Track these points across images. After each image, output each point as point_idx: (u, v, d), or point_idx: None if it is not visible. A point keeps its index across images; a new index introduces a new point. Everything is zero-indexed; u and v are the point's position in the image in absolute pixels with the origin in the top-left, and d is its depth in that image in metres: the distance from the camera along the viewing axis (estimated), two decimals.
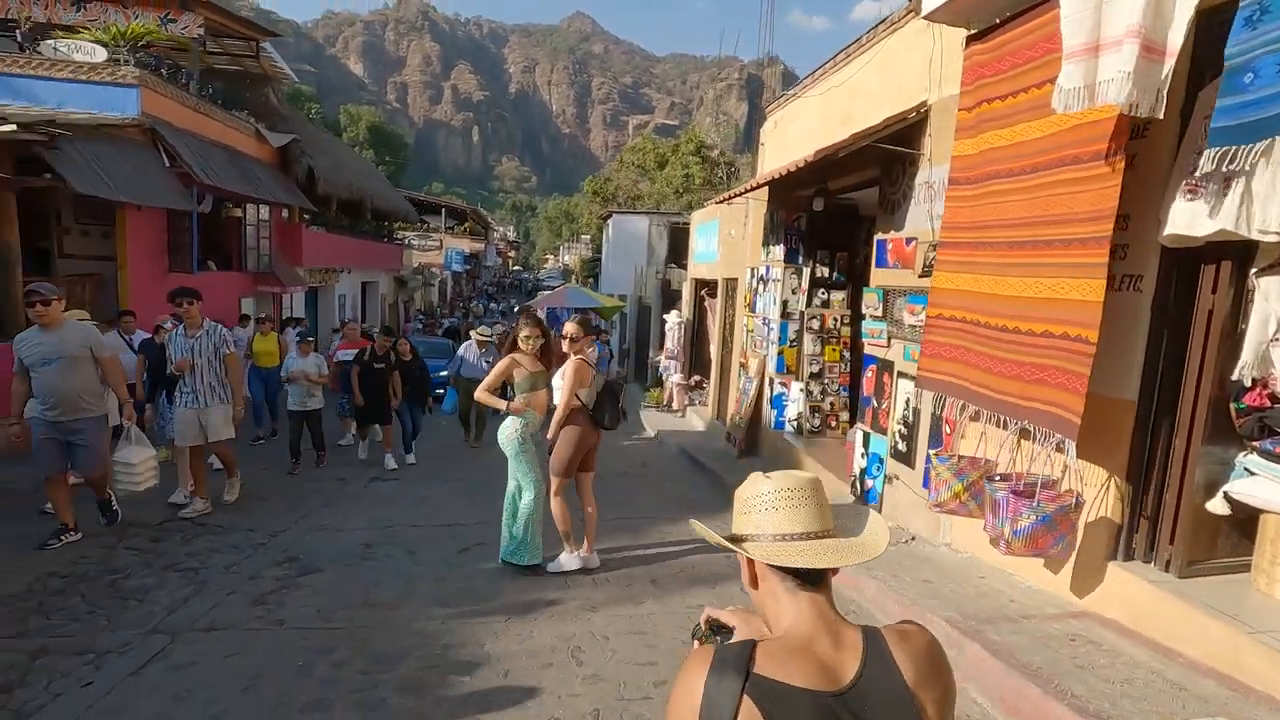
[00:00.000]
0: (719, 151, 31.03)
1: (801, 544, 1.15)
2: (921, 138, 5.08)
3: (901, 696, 1.05)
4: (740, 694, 1.01)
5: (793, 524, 1.16)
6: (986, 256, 3.83)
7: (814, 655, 1.07)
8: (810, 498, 1.20)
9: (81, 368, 4.65)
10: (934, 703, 1.07)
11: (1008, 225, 3.67)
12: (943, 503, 4.01)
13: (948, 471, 4.02)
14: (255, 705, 2.96)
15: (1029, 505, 3.34)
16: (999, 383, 3.64)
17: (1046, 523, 3.31)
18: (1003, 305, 3.66)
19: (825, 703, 1.02)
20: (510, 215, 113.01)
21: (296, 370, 7.52)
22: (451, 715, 2.93)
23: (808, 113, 7.57)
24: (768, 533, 1.17)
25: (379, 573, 4.54)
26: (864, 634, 1.11)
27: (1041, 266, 3.39)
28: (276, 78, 16.25)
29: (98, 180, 8.38)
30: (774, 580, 1.16)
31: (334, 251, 18.14)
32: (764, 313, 8.24)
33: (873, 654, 1.08)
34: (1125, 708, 2.61)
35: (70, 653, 3.34)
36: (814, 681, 1.04)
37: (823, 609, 1.13)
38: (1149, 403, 3.34)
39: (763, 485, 1.21)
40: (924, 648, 1.11)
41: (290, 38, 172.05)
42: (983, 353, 3.80)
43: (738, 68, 73.05)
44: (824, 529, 1.17)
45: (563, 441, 4.56)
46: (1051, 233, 3.35)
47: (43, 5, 11.45)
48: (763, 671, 1.04)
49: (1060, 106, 2.99)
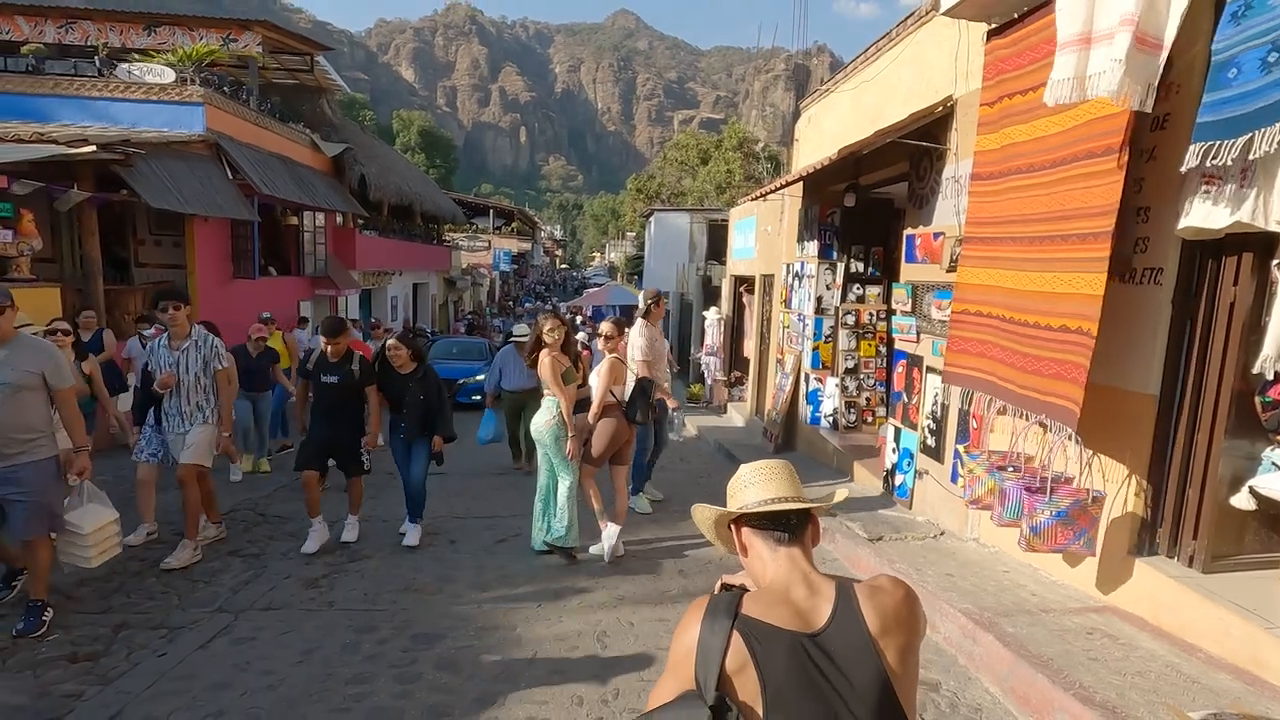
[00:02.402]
0: (763, 145, 30.79)
1: (773, 505, 1.36)
2: (948, 132, 5.07)
3: (864, 642, 1.20)
4: (730, 631, 1.19)
5: (766, 492, 1.37)
6: (1009, 251, 3.84)
7: (791, 602, 1.25)
8: (780, 474, 1.42)
9: (26, 399, 3.44)
10: (896, 649, 1.22)
11: (1028, 220, 3.68)
12: (978, 499, 4.04)
13: (979, 468, 4.05)
14: (307, 676, 3.24)
15: (1044, 500, 3.36)
16: (1020, 377, 3.65)
17: (1063, 518, 3.33)
18: (1023, 300, 3.67)
19: (800, 641, 1.19)
20: (557, 214, 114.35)
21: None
22: (483, 689, 3.16)
23: (841, 107, 7.57)
24: (749, 502, 1.38)
25: (421, 560, 4.82)
26: (837, 586, 1.28)
27: (1056, 261, 3.40)
28: (330, 89, 16.96)
29: (169, 194, 9.01)
30: (758, 542, 1.36)
31: (386, 255, 18.84)
32: (799, 308, 8.26)
33: (842, 603, 1.24)
34: (1132, 698, 2.63)
35: (147, 627, 3.70)
36: (791, 623, 1.21)
37: (800, 562, 1.32)
38: (1171, 397, 3.32)
39: (743, 470, 1.44)
40: (894, 601, 1.26)
41: (345, 47, 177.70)
42: (1006, 347, 3.82)
43: (783, 58, 72.22)
44: (795, 495, 1.37)
45: (599, 434, 4.79)
46: (1067, 227, 3.35)
47: (119, 32, 12.29)
48: (749, 613, 1.22)
49: (1051, 99, 3.01)
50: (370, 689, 3.15)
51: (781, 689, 1.16)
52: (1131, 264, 3.41)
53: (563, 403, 4.66)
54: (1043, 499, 3.33)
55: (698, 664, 1.19)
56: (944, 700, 3.04)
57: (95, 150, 8.09)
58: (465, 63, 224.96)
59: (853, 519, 5.12)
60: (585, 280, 54.29)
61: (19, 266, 7.72)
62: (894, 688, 1.19)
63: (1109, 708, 2.57)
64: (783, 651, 1.18)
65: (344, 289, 15.79)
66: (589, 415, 4.83)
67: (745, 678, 1.17)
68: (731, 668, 1.17)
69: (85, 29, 12.17)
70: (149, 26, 12.33)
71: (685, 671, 1.22)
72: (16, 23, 11.98)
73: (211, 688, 3.13)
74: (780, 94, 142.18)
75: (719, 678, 1.17)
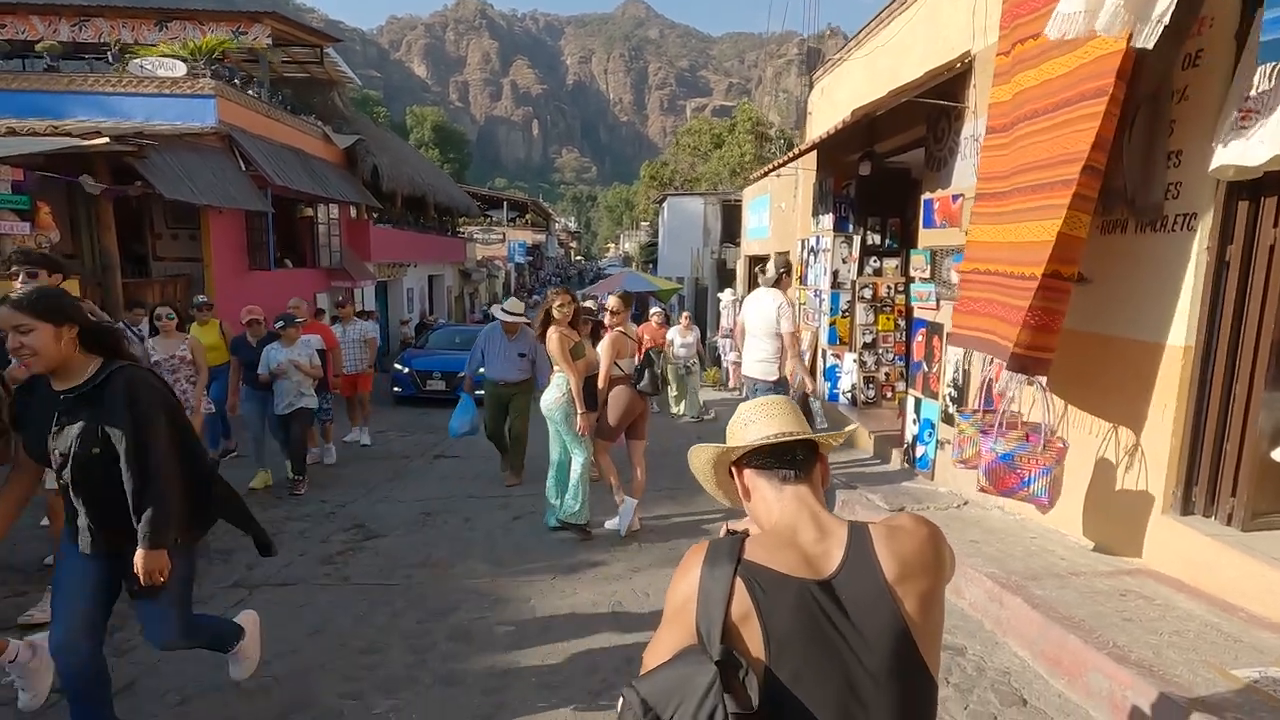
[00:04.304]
0: (777, 129, 30.44)
1: (777, 439, 1.25)
2: (966, 89, 4.90)
3: (879, 590, 1.09)
4: (732, 577, 1.08)
5: (769, 429, 1.26)
6: (1013, 204, 3.68)
7: (799, 546, 1.14)
8: (783, 409, 1.31)
9: None
10: (916, 595, 1.10)
11: (1029, 169, 3.53)
12: (967, 459, 3.91)
13: (971, 428, 3.91)
14: (320, 646, 3.22)
15: (990, 441, 3.32)
16: (1010, 331, 3.51)
17: (1009, 461, 3.25)
18: (1020, 252, 3.52)
19: (807, 589, 1.08)
20: (571, 207, 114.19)
21: (282, 364, 5.62)
22: (496, 658, 3.11)
23: (854, 76, 7.39)
24: (749, 440, 1.26)
25: (436, 537, 4.80)
26: (850, 527, 1.16)
27: (1043, 208, 3.28)
28: (340, 82, 16.97)
29: (183, 185, 9.05)
30: (761, 484, 1.25)
31: (400, 246, 18.88)
32: (815, 284, 8.12)
33: (855, 547, 1.13)
34: (1170, 657, 2.51)
35: None
36: (798, 569, 1.10)
37: (807, 501, 1.20)
38: (1207, 348, 3.16)
39: (742, 408, 1.34)
40: (915, 543, 1.15)
41: (357, 45, 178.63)
42: (1003, 303, 3.67)
43: (796, 42, 71.01)
44: (799, 430, 1.26)
45: (610, 407, 4.72)
46: (1052, 175, 3.22)
47: (131, 28, 12.37)
48: (752, 558, 1.11)
49: (1054, 32, 2.86)
50: (383, 659, 3.12)
51: (787, 641, 1.05)
52: (1163, 211, 3.26)
53: (572, 379, 4.59)
54: (989, 440, 3.27)
55: (698, 614, 1.08)
56: (970, 664, 2.94)
57: (109, 142, 8.14)
58: (476, 57, 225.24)
59: (873, 491, 5.01)
60: (600, 271, 54.31)
61: None
62: (913, 638, 1.08)
63: (1146, 666, 2.45)
64: (789, 600, 1.07)
65: (360, 280, 15.84)
66: (598, 390, 4.77)
67: (749, 628, 1.06)
68: (736, 616, 1.06)
69: (98, 26, 12.25)
70: (160, 22, 12.38)
71: (684, 622, 1.10)
72: (31, 22, 12.09)
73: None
74: (793, 79, 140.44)
75: (723, 628, 1.05)
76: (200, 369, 5.33)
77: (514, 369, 5.91)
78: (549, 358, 5.02)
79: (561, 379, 4.63)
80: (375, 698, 2.81)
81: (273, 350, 5.69)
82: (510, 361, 5.91)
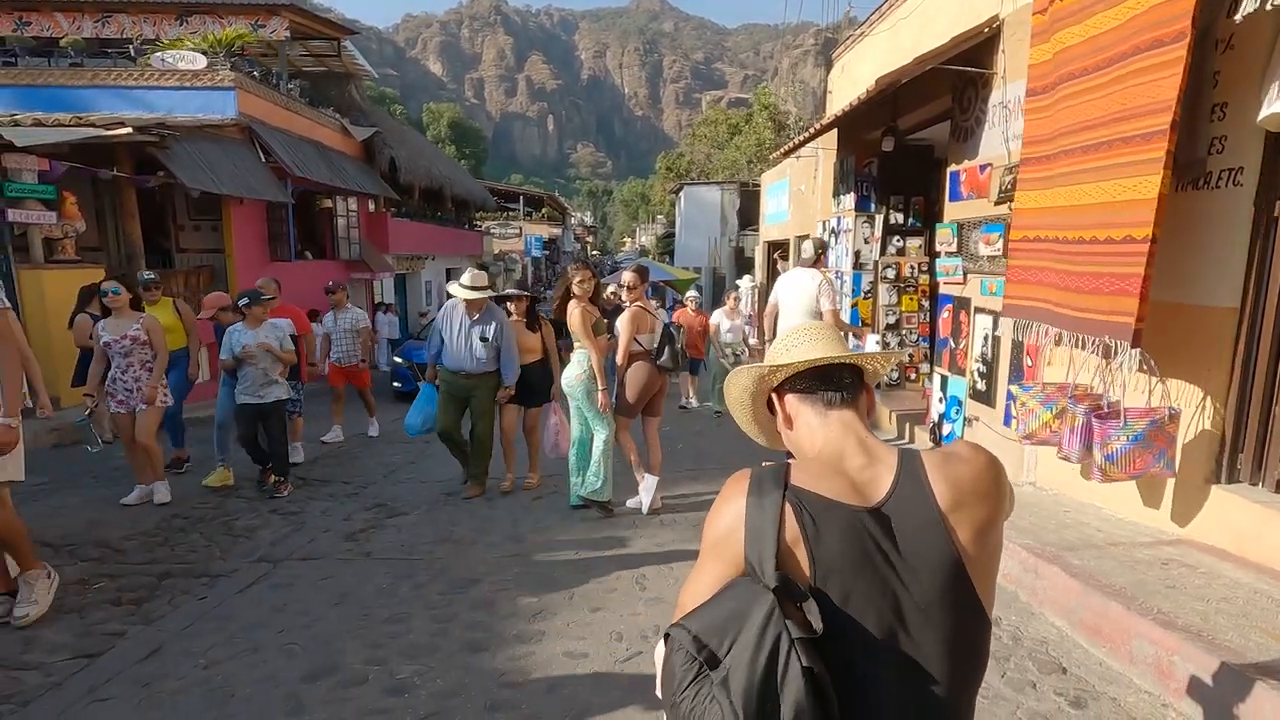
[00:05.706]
0: (794, 118, 30.15)
1: (823, 359, 1.17)
2: (994, 55, 4.77)
3: (931, 518, 1.02)
4: (782, 502, 1.01)
5: (813, 352, 1.18)
6: (1063, 166, 3.57)
7: (845, 472, 1.07)
8: (826, 334, 1.23)
9: None
10: (972, 525, 1.02)
11: (1081, 129, 3.41)
12: (1032, 433, 3.79)
13: (1033, 400, 3.79)
14: (343, 617, 3.21)
15: (1117, 426, 3.12)
16: (1077, 299, 3.40)
17: (1141, 441, 3.08)
18: (1079, 216, 3.41)
19: (856, 516, 1.01)
20: (587, 201, 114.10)
21: (248, 347, 4.97)
22: (517, 628, 3.08)
23: (876, 52, 7.25)
24: (795, 359, 1.19)
25: (458, 515, 4.78)
26: (900, 454, 1.09)
27: (1111, 168, 3.13)
28: (358, 74, 17.04)
29: (204, 176, 9.13)
30: (805, 410, 1.17)
31: (418, 239, 18.95)
32: (836, 266, 8.00)
33: (906, 473, 1.06)
34: (1220, 623, 2.41)
35: (189, 575, 3.73)
36: (846, 495, 1.03)
37: (854, 426, 1.13)
38: (1255, 310, 3.04)
39: (783, 333, 1.25)
40: (972, 471, 1.07)
41: (373, 44, 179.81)
42: (1061, 270, 3.56)
43: (812, 32, 70.15)
44: (845, 355, 1.18)
45: (629, 383, 4.66)
46: (1126, 129, 3.08)
47: (151, 23, 12.51)
48: (798, 484, 1.04)
49: None
50: (406, 628, 3.10)
51: (833, 569, 0.98)
52: (1206, 167, 3.13)
53: (593, 355, 4.54)
54: (1116, 424, 3.09)
55: (747, 543, 1.01)
56: (1006, 634, 2.86)
57: (131, 133, 8.23)
58: (491, 53, 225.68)
59: None
60: (616, 264, 54.26)
61: (64, 248, 7.92)
62: (965, 569, 1.01)
63: (1194, 632, 2.36)
64: (837, 528, 1.00)
65: (379, 272, 15.93)
66: (618, 366, 4.72)
67: (796, 556, 0.99)
68: (788, 540, 0.99)
69: (120, 22, 12.40)
70: (181, 16, 12.51)
71: (729, 553, 1.03)
72: (56, 19, 12.27)
73: (249, 626, 3.12)
74: (810, 69, 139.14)
75: (776, 554, 0.98)
76: (159, 350, 4.74)
77: (474, 357, 4.89)
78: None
79: (583, 355, 4.59)
80: (399, 663, 2.79)
81: (236, 332, 5.06)
82: (469, 347, 4.88)
